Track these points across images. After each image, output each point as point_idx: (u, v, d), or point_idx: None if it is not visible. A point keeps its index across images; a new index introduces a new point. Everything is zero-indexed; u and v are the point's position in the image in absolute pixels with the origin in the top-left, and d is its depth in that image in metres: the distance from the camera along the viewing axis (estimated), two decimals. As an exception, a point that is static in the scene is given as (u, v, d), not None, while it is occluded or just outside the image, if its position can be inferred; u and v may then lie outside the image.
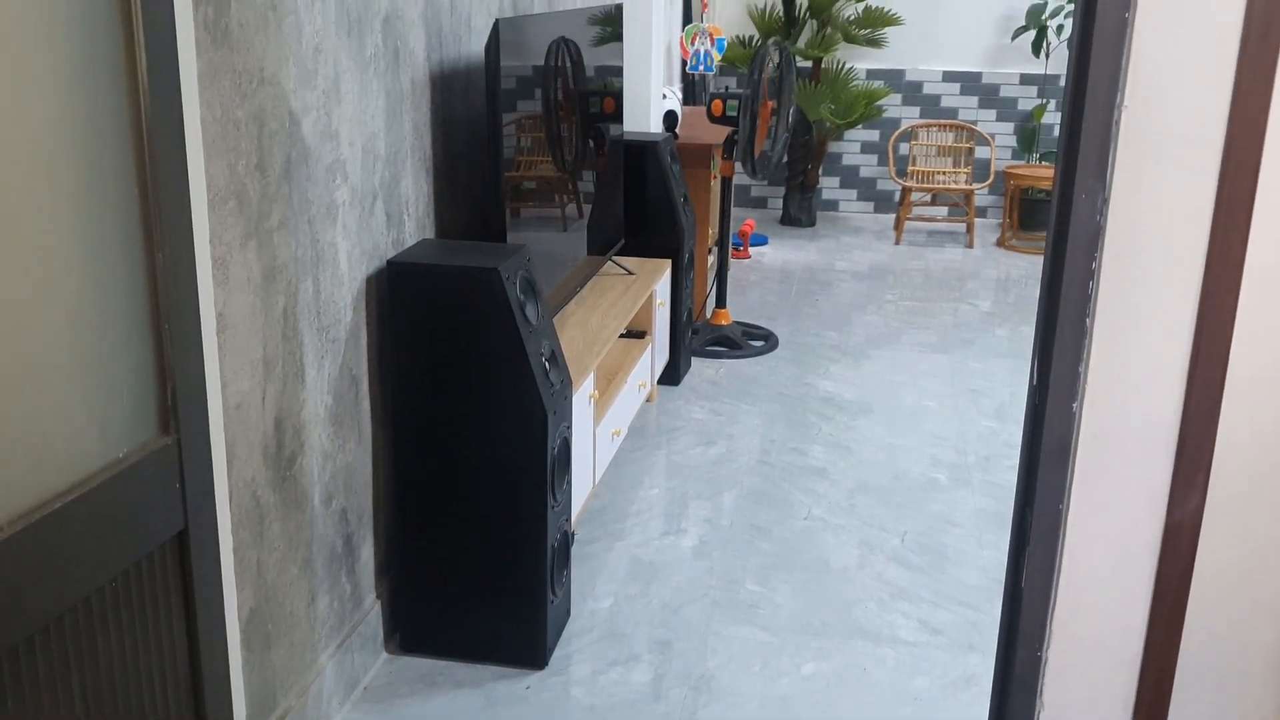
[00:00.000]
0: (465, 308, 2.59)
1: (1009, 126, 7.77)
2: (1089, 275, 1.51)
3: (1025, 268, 6.85)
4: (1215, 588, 1.61)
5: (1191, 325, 1.51)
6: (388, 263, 2.64)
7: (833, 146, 7.90)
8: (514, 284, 2.62)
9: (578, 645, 2.88)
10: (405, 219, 2.83)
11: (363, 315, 2.60)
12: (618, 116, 4.23)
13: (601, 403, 3.46)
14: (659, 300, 4.29)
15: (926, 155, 7.71)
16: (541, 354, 2.66)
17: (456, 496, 2.69)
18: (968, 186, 7.43)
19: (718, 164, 5.35)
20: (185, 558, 1.64)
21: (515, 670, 2.76)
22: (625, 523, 3.53)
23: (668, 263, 4.45)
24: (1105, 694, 1.67)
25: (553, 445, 2.67)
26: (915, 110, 7.81)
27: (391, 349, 2.66)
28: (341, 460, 2.54)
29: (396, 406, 2.69)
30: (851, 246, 7.24)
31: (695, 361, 4.96)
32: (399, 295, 2.62)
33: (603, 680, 2.75)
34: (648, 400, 4.40)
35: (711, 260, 5.57)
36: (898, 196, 7.72)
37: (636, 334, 4.17)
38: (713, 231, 5.55)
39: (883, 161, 7.89)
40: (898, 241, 7.35)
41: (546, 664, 2.78)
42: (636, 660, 2.83)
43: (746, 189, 8.02)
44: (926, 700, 2.70)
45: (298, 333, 2.30)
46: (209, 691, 1.72)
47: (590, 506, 3.57)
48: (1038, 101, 7.63)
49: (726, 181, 5.19)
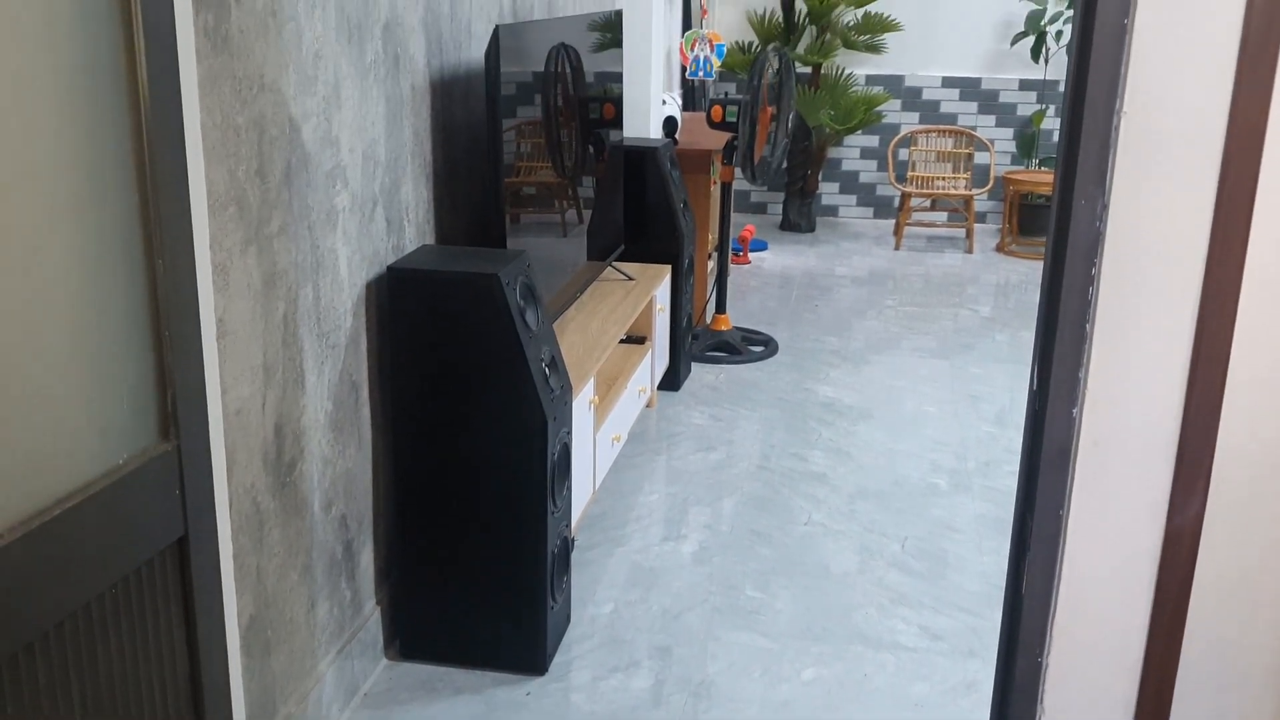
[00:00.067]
0: (465, 313, 2.59)
1: (1008, 132, 7.78)
2: (1089, 280, 1.51)
3: (1025, 273, 6.85)
4: (1216, 593, 1.60)
5: (1191, 330, 1.51)
6: (388, 268, 2.64)
7: (832, 152, 7.91)
8: (514, 290, 2.62)
9: (578, 651, 2.88)
10: (405, 225, 2.83)
11: (363, 321, 2.60)
12: (617, 122, 4.24)
13: (601, 408, 3.46)
14: (659, 306, 4.29)
15: (926, 161, 7.72)
16: (541, 359, 2.66)
17: (456, 502, 2.69)
18: (967, 192, 7.43)
19: (717, 169, 5.35)
20: (185, 564, 1.63)
21: (515, 676, 2.76)
22: (625, 528, 3.53)
23: (667, 268, 4.45)
24: (1106, 700, 1.67)
25: (553, 451, 2.66)
26: (915, 116, 7.82)
27: (391, 355, 2.66)
28: (341, 466, 2.54)
29: (396, 412, 2.69)
30: (851, 252, 7.24)
31: (695, 367, 4.96)
32: (399, 301, 2.62)
33: (603, 686, 2.74)
34: (648, 406, 4.40)
35: (711, 265, 5.57)
36: (897, 202, 7.73)
37: (636, 339, 4.17)
38: (712, 237, 5.56)
39: (882, 167, 7.89)
40: (897, 247, 7.36)
41: (547, 670, 2.78)
42: (637, 666, 2.83)
43: (746, 194, 8.02)
44: (927, 706, 2.70)
45: (298, 338, 2.30)
46: (209, 698, 1.71)
47: (590, 512, 3.57)
48: (1037, 107, 7.64)
49: (726, 187, 5.19)
